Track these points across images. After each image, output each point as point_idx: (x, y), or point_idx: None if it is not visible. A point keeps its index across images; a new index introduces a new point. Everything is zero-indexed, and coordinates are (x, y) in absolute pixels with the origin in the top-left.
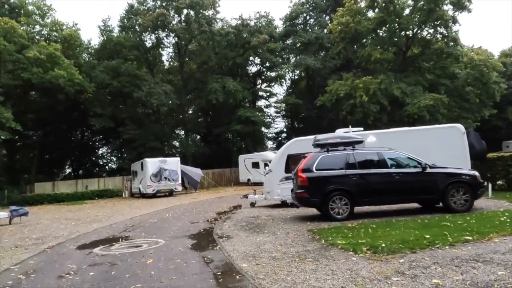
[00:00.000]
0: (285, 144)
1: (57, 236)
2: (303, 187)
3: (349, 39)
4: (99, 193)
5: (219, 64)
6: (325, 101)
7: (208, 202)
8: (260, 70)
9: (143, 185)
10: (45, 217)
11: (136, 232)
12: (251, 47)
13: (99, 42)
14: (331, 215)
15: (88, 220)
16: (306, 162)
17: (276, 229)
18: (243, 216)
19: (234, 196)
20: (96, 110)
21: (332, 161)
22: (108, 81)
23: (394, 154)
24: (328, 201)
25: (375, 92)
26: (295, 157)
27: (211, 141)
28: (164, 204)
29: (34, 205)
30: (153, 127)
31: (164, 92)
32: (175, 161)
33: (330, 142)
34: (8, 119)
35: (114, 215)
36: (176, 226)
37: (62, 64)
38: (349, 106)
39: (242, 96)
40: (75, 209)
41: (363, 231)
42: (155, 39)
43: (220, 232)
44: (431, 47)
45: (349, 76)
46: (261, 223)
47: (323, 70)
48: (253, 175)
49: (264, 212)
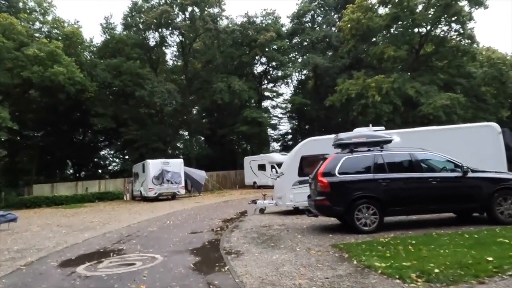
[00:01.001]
0: (299, 145)
1: (40, 248)
2: (324, 194)
3: (360, 36)
4: (100, 196)
5: (224, 63)
6: (334, 101)
7: (213, 207)
8: (266, 69)
9: (144, 187)
10: (37, 222)
11: (131, 244)
12: (258, 45)
13: (102, 40)
14: (357, 227)
15: (81, 227)
16: (327, 165)
17: (293, 243)
18: (252, 225)
19: (241, 200)
20: (97, 110)
21: (358, 164)
22: (110, 80)
23: (429, 156)
24: (353, 210)
25: (388, 92)
26: (310, 159)
27: (215, 143)
28: (166, 208)
29: (31, 207)
30: (156, 127)
31: (167, 91)
32: (178, 162)
33: (354, 141)
34: (4, 118)
35: (111, 221)
36: (177, 237)
37: (63, 62)
38: (360, 106)
39: (248, 96)
40: (71, 214)
41: (402, 248)
42: (159, 37)
43: (228, 246)
44: (446, 45)
45: (360, 75)
46: (275, 235)
47: (332, 69)
48: (259, 178)
49: (276, 220)
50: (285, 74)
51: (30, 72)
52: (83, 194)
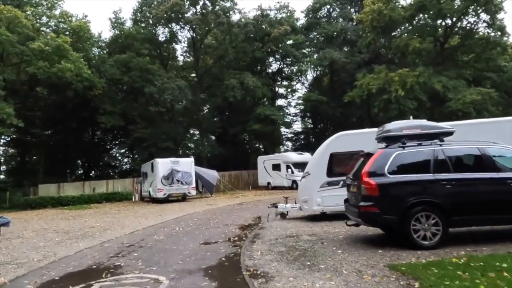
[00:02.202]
0: (327, 140)
1: (22, 262)
2: (372, 199)
3: (381, 28)
4: (107, 196)
5: (237, 59)
6: (354, 97)
7: (227, 210)
8: (280, 65)
9: (153, 188)
10: (33, 227)
11: (131, 258)
12: (271, 39)
13: (110, 36)
14: (415, 240)
15: (78, 234)
16: (374, 162)
17: (335, 261)
18: (276, 234)
19: (256, 202)
20: (105, 107)
21: (412, 161)
22: (118, 76)
23: (505, 151)
24: (409, 220)
25: (412, 87)
26: (341, 157)
27: (227, 142)
28: (175, 211)
29: (36, 208)
30: (165, 126)
31: (178, 88)
32: (188, 162)
33: (407, 133)
34: (9, 115)
35: (113, 226)
36: (187, 249)
37: (70, 58)
38: (382, 102)
39: (261, 93)
40: (73, 216)
41: (495, 276)
42: (169, 33)
43: (252, 264)
44: (473, 37)
45: (382, 69)
46: (308, 249)
47: (349, 65)
48: (273, 178)
49: (303, 228)
50: (300, 69)
51: (36, 67)
52: (90, 194)
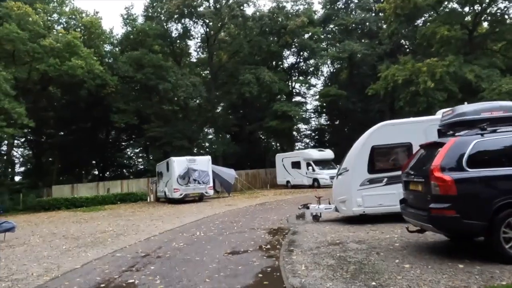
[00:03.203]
0: (368, 132)
1: (18, 279)
2: (447, 199)
3: (405, 16)
4: (122, 197)
5: (252, 54)
6: (378, 90)
7: (249, 211)
8: (296, 60)
9: (169, 188)
10: (42, 232)
11: (147, 273)
12: (288, 32)
13: (122, 33)
14: (506, 252)
15: (88, 240)
16: (448, 154)
17: (409, 281)
18: (315, 240)
19: (279, 202)
20: (118, 106)
21: (497, 151)
22: (131, 73)
23: None
24: (498, 226)
25: (442, 77)
26: (383, 150)
27: (242, 140)
28: (193, 213)
29: (50, 210)
30: (180, 124)
31: (192, 84)
32: (205, 160)
33: (486, 117)
34: (20, 114)
35: (127, 231)
36: (213, 261)
37: (81, 54)
38: (409, 94)
39: (278, 88)
40: (87, 219)
41: None
42: (182, 29)
43: (298, 283)
44: (505, 23)
45: (408, 59)
46: (364, 262)
47: (370, 57)
48: (293, 177)
49: (345, 232)
50: (318, 63)
51: (47, 65)
52: (104, 195)
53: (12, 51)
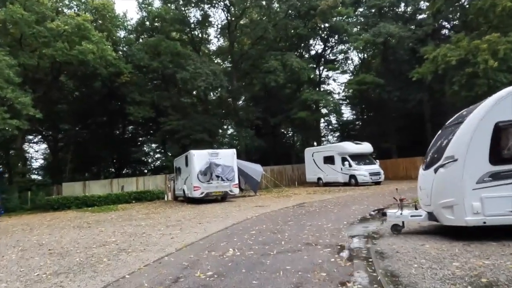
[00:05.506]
0: (488, 102)
1: None
2: None
3: None
4: (137, 196)
5: (276, 39)
6: (425, 73)
7: (289, 215)
8: (325, 45)
9: (188, 185)
10: (27, 242)
11: None
12: (318, 13)
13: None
14: None
15: (76, 261)
16: None
17: None
18: (430, 272)
19: (321, 203)
20: (134, 97)
21: None
22: (147, 61)
23: None
24: None
25: (506, 55)
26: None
27: (266, 133)
28: (219, 217)
29: (59, 210)
30: (199, 117)
31: (212, 73)
32: (229, 154)
33: None
34: (26, 104)
35: (132, 244)
36: None
37: (92, 39)
38: (465, 76)
39: (307, 75)
40: (91, 222)
41: None
42: (201, 15)
43: None
44: None
45: (462, 37)
46: None
47: (408, 39)
48: (325, 173)
49: (465, 254)
50: (348, 50)
51: (54, 49)
52: (118, 193)
53: (19, 37)
